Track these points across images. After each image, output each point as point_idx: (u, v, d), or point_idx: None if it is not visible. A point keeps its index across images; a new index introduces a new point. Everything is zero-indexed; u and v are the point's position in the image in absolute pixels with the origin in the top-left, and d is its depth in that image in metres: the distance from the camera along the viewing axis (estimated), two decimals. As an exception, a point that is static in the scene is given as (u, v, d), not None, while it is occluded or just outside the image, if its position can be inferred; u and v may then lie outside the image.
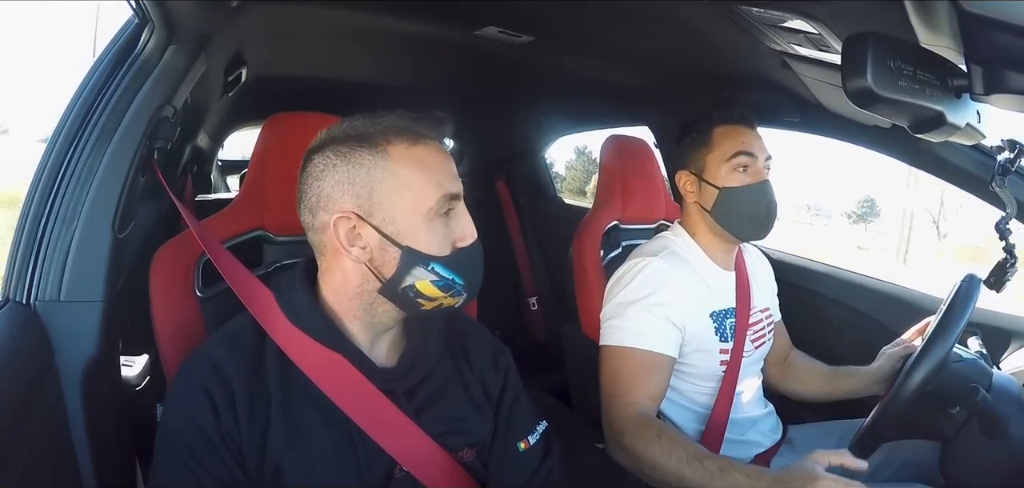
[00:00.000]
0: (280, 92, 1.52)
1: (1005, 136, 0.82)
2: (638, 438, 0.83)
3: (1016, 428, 0.72)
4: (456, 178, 0.64)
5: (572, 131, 2.19)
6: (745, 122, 0.98)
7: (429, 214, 0.61)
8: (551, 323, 2.16)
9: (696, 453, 0.78)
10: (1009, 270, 0.82)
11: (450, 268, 0.62)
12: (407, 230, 0.60)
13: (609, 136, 1.27)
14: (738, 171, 0.96)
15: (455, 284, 0.62)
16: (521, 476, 0.71)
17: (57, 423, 0.68)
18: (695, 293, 0.96)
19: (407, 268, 0.61)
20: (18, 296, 0.70)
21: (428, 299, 0.62)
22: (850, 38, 0.54)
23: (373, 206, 0.60)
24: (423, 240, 0.61)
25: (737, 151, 0.96)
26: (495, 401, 0.73)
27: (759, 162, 0.96)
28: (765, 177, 0.97)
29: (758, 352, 1.05)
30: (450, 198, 0.62)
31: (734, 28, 0.89)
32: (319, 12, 1.12)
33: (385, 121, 0.62)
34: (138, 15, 0.80)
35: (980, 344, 0.88)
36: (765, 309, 1.08)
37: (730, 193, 0.96)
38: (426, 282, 0.61)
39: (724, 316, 0.99)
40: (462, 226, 0.64)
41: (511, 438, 0.72)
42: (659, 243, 1.02)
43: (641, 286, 0.94)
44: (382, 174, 0.60)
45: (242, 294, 0.66)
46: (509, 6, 1.06)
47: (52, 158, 0.74)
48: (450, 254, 0.62)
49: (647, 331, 0.91)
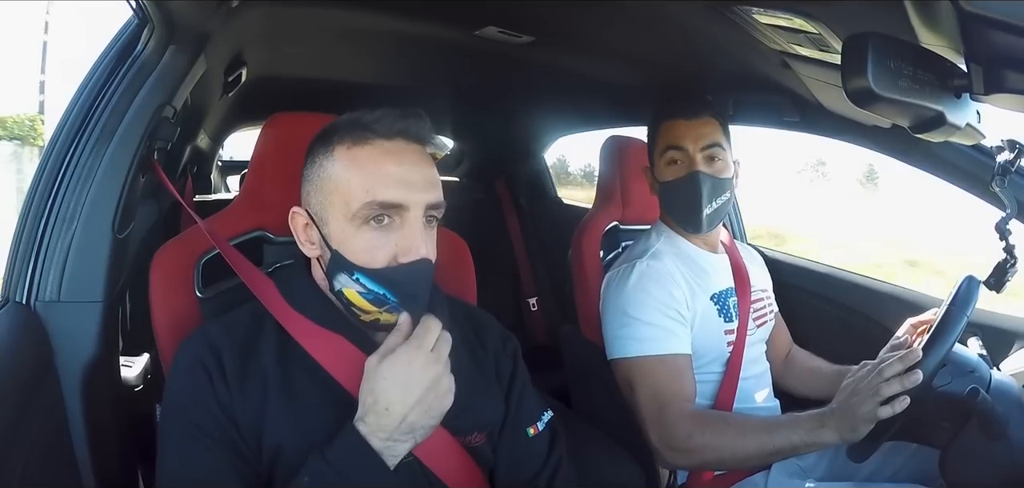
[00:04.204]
0: (280, 92, 1.52)
1: (1005, 136, 0.82)
2: (710, 432, 0.84)
3: (1016, 429, 0.72)
4: (405, 186, 0.58)
5: (572, 131, 2.19)
6: (681, 115, 1.00)
7: (354, 220, 0.58)
8: (551, 323, 2.16)
9: (764, 422, 0.83)
10: (1009, 270, 0.82)
11: (379, 282, 0.58)
12: (336, 233, 0.60)
13: (609, 136, 1.27)
14: (671, 164, 1.00)
15: (387, 300, 0.59)
16: (532, 464, 0.71)
17: (57, 423, 0.68)
18: (692, 280, 0.97)
19: (334, 272, 0.60)
20: (18, 296, 0.70)
21: (361, 310, 0.60)
22: (850, 38, 0.53)
23: (316, 205, 0.61)
24: (350, 246, 0.59)
25: (667, 145, 1.00)
26: (507, 386, 0.73)
27: (692, 153, 0.97)
28: (694, 168, 0.97)
29: (760, 331, 1.05)
30: (380, 206, 0.57)
31: (734, 28, 0.89)
32: (319, 12, 1.12)
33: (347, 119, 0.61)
34: (138, 15, 0.81)
35: (980, 345, 0.88)
36: (763, 289, 1.10)
37: (665, 187, 1.02)
38: (353, 291, 0.59)
39: (725, 296, 1.00)
40: (407, 240, 0.58)
41: (521, 424, 0.72)
42: (641, 246, 1.04)
43: (644, 292, 0.93)
44: (324, 174, 0.60)
45: (249, 281, 0.67)
46: (509, 6, 1.05)
47: (52, 158, 0.74)
48: (383, 268, 0.58)
49: (664, 335, 0.91)
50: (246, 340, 0.62)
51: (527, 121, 2.09)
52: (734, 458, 0.84)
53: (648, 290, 0.93)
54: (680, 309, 0.93)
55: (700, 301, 0.97)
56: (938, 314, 0.80)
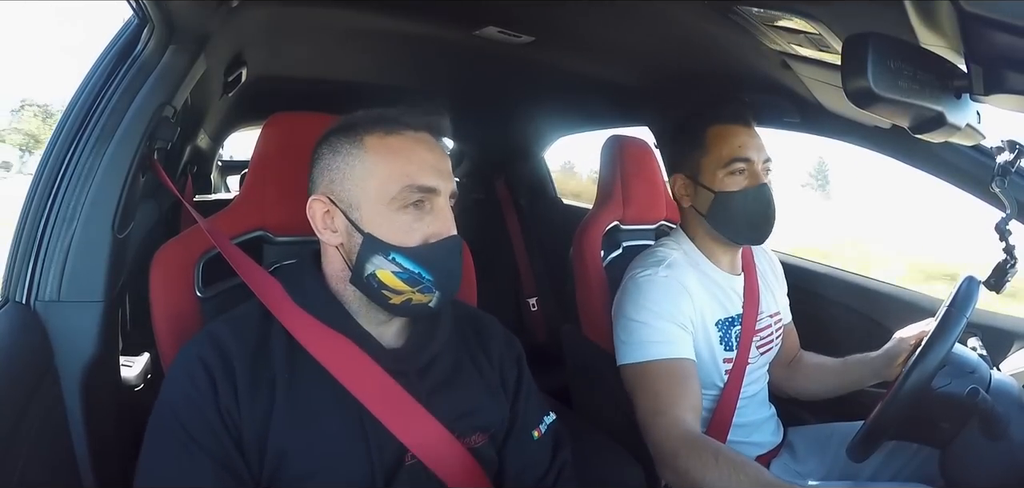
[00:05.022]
0: (280, 92, 1.52)
1: (1005, 137, 0.82)
2: (694, 460, 0.76)
3: (1016, 429, 0.72)
4: (437, 173, 0.62)
5: (572, 131, 2.19)
6: (740, 121, 0.95)
7: (392, 203, 0.61)
8: (551, 323, 2.16)
9: (758, 478, 0.71)
10: (1009, 271, 0.82)
11: (415, 260, 0.61)
12: (370, 217, 0.61)
13: (609, 136, 1.27)
14: (735, 174, 0.93)
15: (422, 278, 0.61)
16: (538, 467, 0.72)
17: (57, 423, 0.68)
18: (702, 301, 0.95)
19: (367, 255, 0.61)
20: (18, 296, 0.70)
21: (393, 291, 0.61)
22: (850, 38, 0.53)
23: (343, 192, 0.62)
24: (385, 228, 0.61)
25: (733, 156, 0.93)
26: (512, 390, 0.73)
27: (756, 164, 0.93)
28: (763, 180, 0.93)
29: (763, 358, 1.03)
30: (419, 190, 0.61)
31: (734, 28, 0.89)
32: (319, 12, 1.12)
33: (373, 112, 0.64)
34: (138, 15, 0.81)
35: (980, 345, 0.88)
36: (775, 314, 1.07)
37: (726, 197, 0.94)
38: (388, 272, 0.61)
39: (730, 324, 0.98)
40: (438, 222, 0.62)
41: (526, 427, 0.72)
42: (661, 253, 0.99)
43: (656, 299, 0.91)
44: (354, 162, 0.62)
45: (251, 282, 0.67)
46: (509, 6, 1.05)
47: (52, 158, 0.74)
48: (417, 246, 0.61)
49: (669, 340, 0.89)
50: (258, 342, 0.62)
51: (527, 121, 2.09)
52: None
53: (656, 298, 0.91)
54: (684, 321, 0.91)
55: (705, 324, 0.95)
56: (937, 315, 0.80)
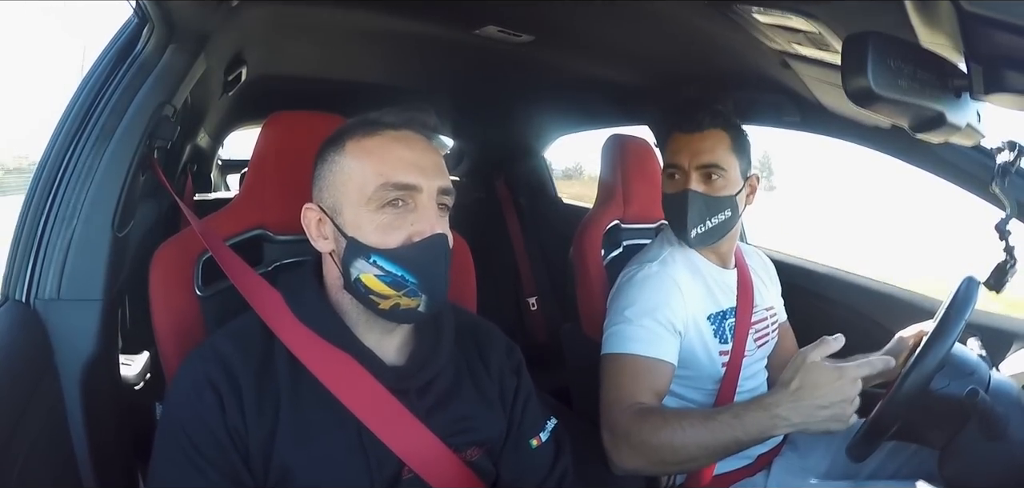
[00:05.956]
0: (280, 92, 1.52)
1: (1005, 137, 0.81)
2: (646, 429, 0.79)
3: (1016, 429, 0.72)
4: (417, 169, 0.60)
5: (572, 131, 2.19)
6: (681, 129, 0.98)
7: (370, 203, 0.60)
8: (551, 323, 2.16)
9: (704, 414, 0.77)
10: (1009, 271, 0.82)
11: (396, 262, 0.59)
12: (352, 220, 0.61)
13: (610, 136, 1.27)
14: (669, 179, 1.00)
15: (406, 281, 0.59)
16: (536, 474, 0.71)
17: (56, 422, 0.68)
18: (695, 296, 0.96)
19: (351, 259, 0.60)
20: (17, 295, 0.70)
21: (380, 296, 0.60)
22: (850, 38, 0.53)
23: (330, 198, 0.62)
24: (366, 230, 0.60)
25: (667, 160, 1.00)
26: (510, 401, 0.72)
27: (686, 169, 0.96)
28: (686, 186, 0.95)
29: (761, 351, 1.04)
30: (395, 187, 0.59)
31: (734, 28, 0.89)
32: (319, 12, 1.12)
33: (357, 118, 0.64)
34: (138, 15, 0.81)
35: (980, 346, 0.88)
36: (769, 308, 1.08)
37: (663, 199, 1.02)
38: (371, 276, 0.59)
39: (722, 318, 0.99)
40: (422, 221, 0.60)
41: (523, 436, 0.72)
42: (656, 249, 1.02)
43: (642, 295, 0.93)
44: (336, 168, 0.62)
45: (247, 292, 0.66)
46: (509, 6, 1.05)
47: (52, 157, 0.74)
48: (398, 247, 0.59)
49: (648, 337, 0.89)
50: (261, 356, 0.61)
51: (527, 120, 2.09)
52: (674, 457, 0.77)
53: (644, 293, 0.92)
54: (673, 319, 0.91)
55: (697, 319, 0.96)
56: (937, 315, 0.80)
